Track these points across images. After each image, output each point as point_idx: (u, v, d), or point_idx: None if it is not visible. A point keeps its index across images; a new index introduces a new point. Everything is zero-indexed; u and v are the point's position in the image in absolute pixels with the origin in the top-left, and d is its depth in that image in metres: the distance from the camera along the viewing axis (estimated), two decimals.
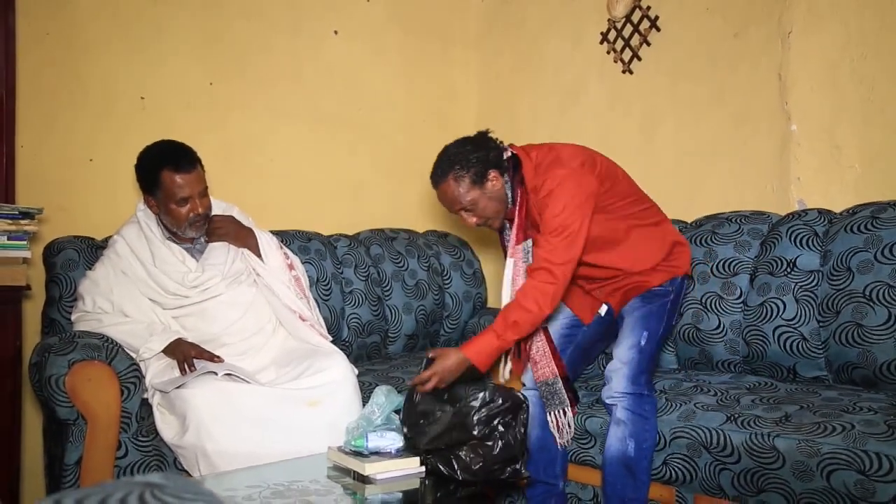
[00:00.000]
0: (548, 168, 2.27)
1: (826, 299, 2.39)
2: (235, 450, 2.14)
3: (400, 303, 3.25)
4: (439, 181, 2.33)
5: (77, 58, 2.90)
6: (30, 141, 2.80)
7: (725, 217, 2.74)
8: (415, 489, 1.91)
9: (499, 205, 2.35)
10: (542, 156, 2.32)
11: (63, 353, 2.20)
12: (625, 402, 2.21)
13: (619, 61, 3.28)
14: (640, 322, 2.33)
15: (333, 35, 3.50)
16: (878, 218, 2.38)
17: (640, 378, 2.24)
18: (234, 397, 2.20)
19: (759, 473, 1.99)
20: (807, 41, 2.74)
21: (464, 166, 2.28)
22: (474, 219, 2.35)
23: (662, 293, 2.38)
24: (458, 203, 2.32)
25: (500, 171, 2.32)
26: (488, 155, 2.31)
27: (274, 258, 2.59)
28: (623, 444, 2.18)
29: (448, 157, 2.32)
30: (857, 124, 2.66)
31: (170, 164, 2.38)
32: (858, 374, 2.30)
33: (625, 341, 2.32)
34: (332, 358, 2.40)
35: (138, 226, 2.49)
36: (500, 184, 2.32)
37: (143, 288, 2.43)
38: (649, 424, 2.18)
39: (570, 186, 2.21)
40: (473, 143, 2.33)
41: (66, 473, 2.19)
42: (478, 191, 2.30)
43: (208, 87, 3.17)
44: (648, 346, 2.29)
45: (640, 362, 2.26)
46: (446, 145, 2.37)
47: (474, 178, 2.29)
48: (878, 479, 1.80)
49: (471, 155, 2.29)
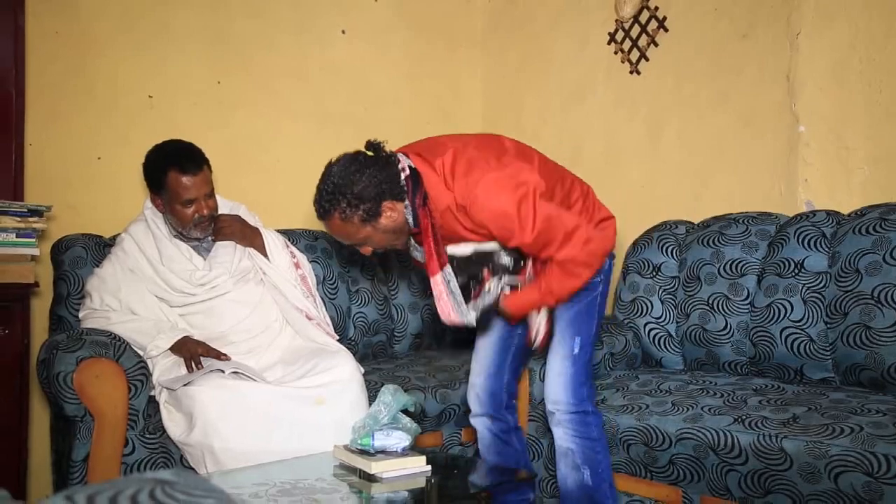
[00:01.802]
0: (467, 177, 1.94)
1: (834, 301, 2.38)
2: (242, 448, 2.14)
3: (406, 302, 3.25)
4: (324, 216, 1.98)
5: (85, 56, 2.91)
6: (38, 139, 2.81)
7: (733, 218, 2.74)
8: (421, 488, 1.91)
9: (397, 235, 2.04)
10: (450, 163, 1.98)
11: (71, 350, 2.21)
12: (568, 425, 2.10)
13: (627, 62, 3.28)
14: (570, 327, 2.12)
15: (340, 34, 3.50)
16: (886, 219, 2.37)
17: (580, 392, 2.11)
18: (241, 395, 2.20)
19: (766, 475, 1.99)
20: (815, 42, 2.74)
21: (351, 203, 1.92)
22: (370, 250, 2.07)
23: (590, 286, 2.10)
24: (349, 239, 2.03)
25: (395, 198, 1.97)
26: (381, 184, 1.94)
27: (280, 257, 2.59)
28: (578, 472, 2.09)
29: (332, 191, 1.94)
30: (866, 126, 2.65)
31: (176, 166, 2.39)
32: (866, 375, 2.29)
33: (555, 350, 2.13)
34: (338, 356, 2.40)
35: (146, 223, 2.50)
36: (398, 213, 1.98)
37: (150, 285, 2.44)
38: (599, 445, 2.11)
39: (517, 198, 1.91)
40: (363, 166, 1.95)
41: (74, 470, 2.20)
42: (369, 228, 1.97)
43: (215, 85, 3.18)
44: (583, 354, 2.12)
45: (577, 374, 2.10)
46: (330, 163, 1.99)
47: (365, 216, 1.95)
48: (886, 482, 1.80)
49: (359, 187, 1.92)
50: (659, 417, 2.23)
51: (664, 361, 2.75)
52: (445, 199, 1.97)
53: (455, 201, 1.96)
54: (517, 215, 1.92)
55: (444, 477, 2.01)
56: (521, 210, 1.92)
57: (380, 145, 2.01)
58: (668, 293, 2.76)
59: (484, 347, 2.30)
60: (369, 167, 1.95)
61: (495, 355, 2.28)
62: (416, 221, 2.01)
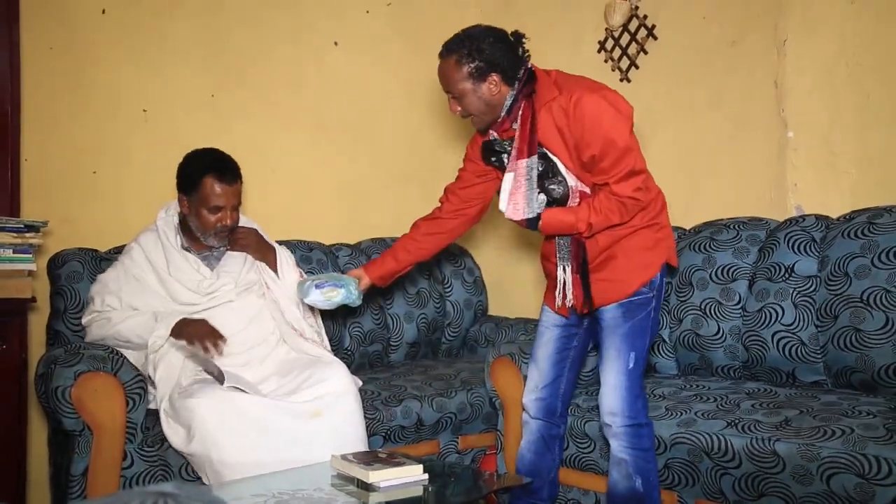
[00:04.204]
0: (578, 82, 2.16)
1: (824, 304, 2.41)
2: (241, 459, 2.16)
3: (401, 311, 3.27)
4: (444, 55, 2.17)
5: (80, 70, 2.93)
6: (34, 154, 2.83)
7: (724, 223, 2.77)
8: (418, 497, 1.93)
9: (487, 108, 2.16)
10: (563, 76, 2.20)
11: (69, 365, 2.22)
12: (623, 438, 2.14)
13: (617, 70, 3.31)
14: (625, 342, 2.16)
15: (334, 46, 3.53)
16: (874, 223, 2.40)
17: (636, 404, 2.15)
18: (238, 407, 2.22)
19: (759, 478, 2.01)
20: (802, 49, 2.77)
21: (471, 54, 2.11)
22: (458, 108, 2.19)
23: (643, 302, 2.18)
24: (448, 86, 2.17)
25: (504, 78, 2.13)
26: (502, 58, 2.12)
27: (290, 276, 2.63)
28: (630, 481, 2.14)
29: (464, 38, 2.14)
30: (853, 130, 2.69)
31: (215, 172, 2.45)
32: (857, 378, 2.32)
33: (611, 364, 2.17)
34: (332, 367, 2.42)
35: (156, 234, 2.54)
36: (499, 90, 2.14)
37: (152, 298, 2.46)
38: (650, 455, 2.16)
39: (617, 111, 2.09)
40: (497, 37, 2.14)
41: (73, 484, 2.21)
42: (471, 85, 2.13)
43: (210, 97, 3.20)
44: (637, 368, 2.16)
45: (632, 388, 2.15)
46: (475, 25, 2.19)
47: (474, 72, 2.11)
48: (877, 483, 1.82)
49: (485, 46, 2.11)
50: (654, 422, 2.25)
51: (658, 367, 2.77)
52: (550, 95, 2.13)
53: (558, 101, 2.11)
54: (613, 124, 2.07)
55: (442, 485, 2.02)
56: (618, 124, 2.08)
57: (521, 37, 2.20)
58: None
59: (541, 358, 2.33)
60: (503, 42, 2.15)
61: (552, 366, 2.32)
62: (510, 111, 2.15)
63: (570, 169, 2.14)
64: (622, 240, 2.18)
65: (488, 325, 3.42)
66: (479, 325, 3.45)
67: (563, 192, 2.16)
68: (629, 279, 2.17)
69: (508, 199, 2.17)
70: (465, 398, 2.82)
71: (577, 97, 2.08)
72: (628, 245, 2.19)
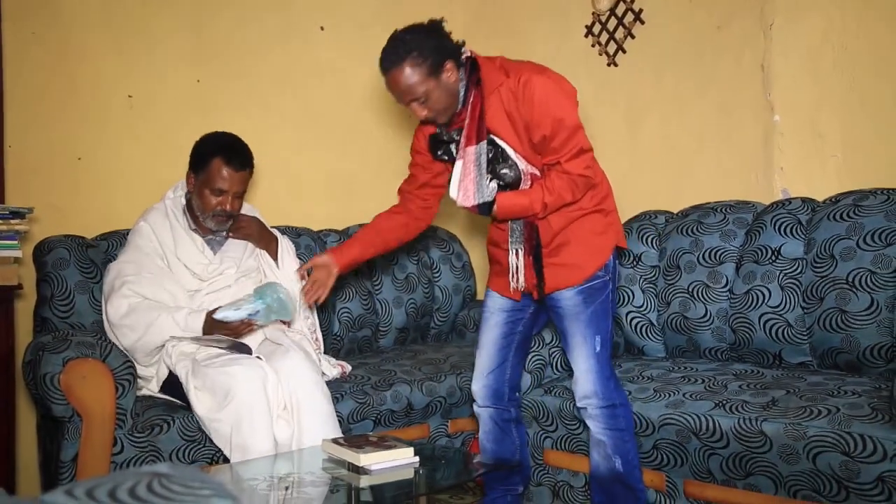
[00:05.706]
0: (526, 65, 2.16)
1: (810, 286, 2.43)
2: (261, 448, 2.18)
3: (390, 297, 3.27)
4: (392, 67, 2.09)
5: (64, 57, 2.90)
6: (18, 140, 2.80)
7: (711, 207, 2.78)
8: (409, 479, 1.94)
9: (451, 99, 2.15)
10: (508, 61, 2.19)
11: (57, 351, 2.21)
12: (599, 419, 2.18)
13: (605, 54, 3.31)
14: (589, 327, 2.19)
15: (320, 31, 3.51)
16: (860, 206, 2.42)
17: (608, 385, 2.19)
18: (268, 391, 2.25)
19: (747, 457, 2.04)
20: (788, 33, 2.78)
21: (421, 54, 2.08)
22: (425, 112, 2.14)
23: (601, 286, 2.20)
24: (412, 93, 2.11)
25: (456, 63, 2.14)
26: (443, 44, 2.13)
27: (290, 265, 2.65)
28: (609, 462, 2.18)
29: (403, 43, 2.10)
30: (839, 114, 2.70)
31: (224, 155, 2.47)
32: (842, 358, 2.35)
33: (579, 350, 2.20)
34: (290, 352, 2.41)
35: (164, 213, 2.55)
36: (455, 77, 2.13)
37: (159, 275, 2.47)
38: (628, 434, 2.19)
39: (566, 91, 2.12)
40: (426, 30, 2.14)
41: (63, 470, 2.20)
42: (433, 81, 2.09)
43: (195, 83, 3.18)
44: (604, 350, 2.20)
45: (602, 370, 2.19)
46: (396, 31, 2.15)
47: (431, 68, 2.08)
48: (862, 461, 1.85)
49: (425, 41, 2.09)
50: (642, 404, 2.27)
51: (646, 349, 2.79)
52: (498, 80, 2.13)
53: (507, 84, 2.12)
54: (561, 103, 2.10)
55: (432, 468, 2.04)
56: (566, 103, 2.11)
57: (441, 22, 2.19)
58: (648, 282, 2.80)
59: (487, 343, 2.35)
60: (434, 31, 2.15)
61: (498, 351, 2.34)
62: (464, 100, 2.16)
63: (520, 152, 2.15)
64: (574, 223, 2.20)
65: (477, 309, 3.42)
66: (467, 309, 3.46)
67: (514, 175, 2.17)
68: (584, 264, 2.20)
69: (458, 186, 2.19)
70: (455, 382, 2.83)
71: (526, 79, 2.10)
72: (580, 230, 2.21)
